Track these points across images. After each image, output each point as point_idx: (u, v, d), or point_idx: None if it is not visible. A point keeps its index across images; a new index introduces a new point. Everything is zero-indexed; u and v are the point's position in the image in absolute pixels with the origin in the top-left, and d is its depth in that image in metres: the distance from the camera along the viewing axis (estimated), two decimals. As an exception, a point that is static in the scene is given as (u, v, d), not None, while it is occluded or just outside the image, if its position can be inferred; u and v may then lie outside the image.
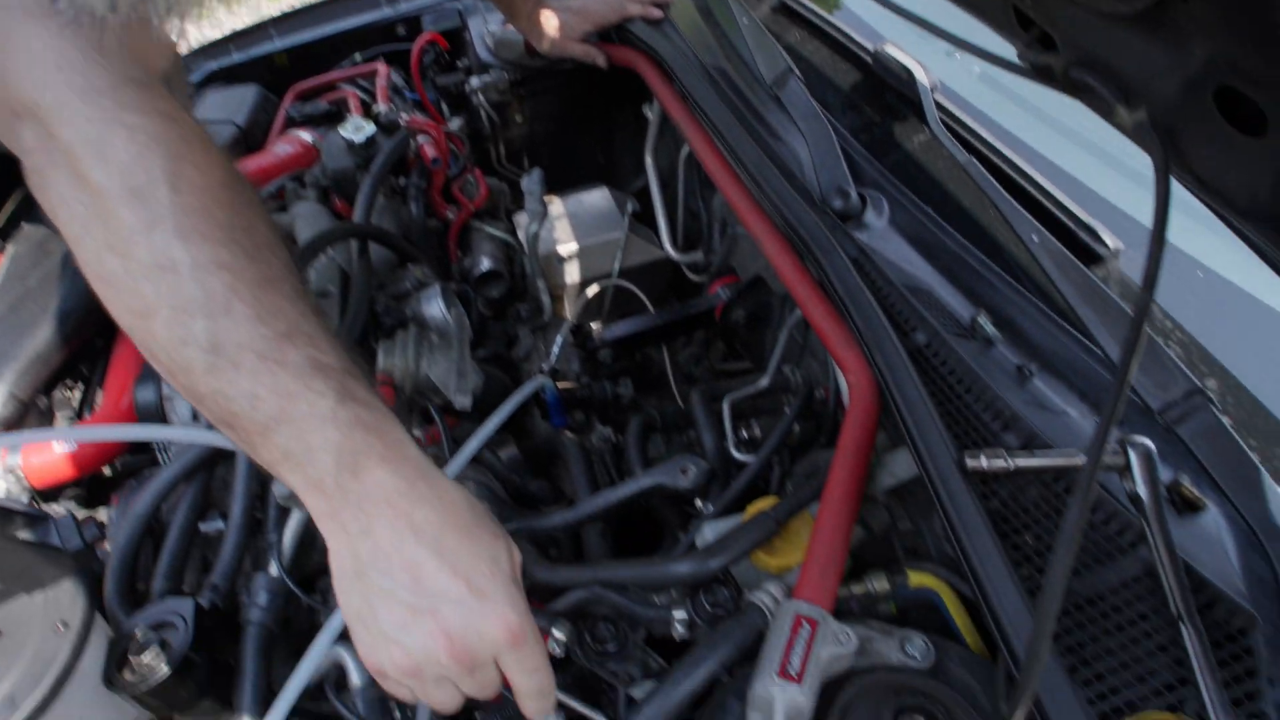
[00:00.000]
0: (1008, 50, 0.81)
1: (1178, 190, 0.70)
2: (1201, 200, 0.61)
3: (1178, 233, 0.90)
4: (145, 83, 0.65)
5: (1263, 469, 0.76)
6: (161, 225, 0.60)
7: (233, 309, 0.60)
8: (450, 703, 0.65)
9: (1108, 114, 0.65)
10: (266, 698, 0.84)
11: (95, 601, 0.78)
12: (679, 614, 0.80)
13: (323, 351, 0.63)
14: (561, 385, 1.30)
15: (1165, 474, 0.78)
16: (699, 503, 1.03)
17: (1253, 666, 0.69)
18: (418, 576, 0.60)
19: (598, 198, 1.68)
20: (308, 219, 1.32)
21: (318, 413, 0.60)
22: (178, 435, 1.02)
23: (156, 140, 0.62)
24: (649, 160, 1.67)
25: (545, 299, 1.53)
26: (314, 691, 0.93)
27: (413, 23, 2.08)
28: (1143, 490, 0.71)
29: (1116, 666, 0.70)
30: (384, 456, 0.61)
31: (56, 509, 1.16)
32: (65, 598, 0.73)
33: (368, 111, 1.69)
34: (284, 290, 0.64)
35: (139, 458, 1.30)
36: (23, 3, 0.61)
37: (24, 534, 0.71)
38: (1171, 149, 0.60)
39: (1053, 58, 0.69)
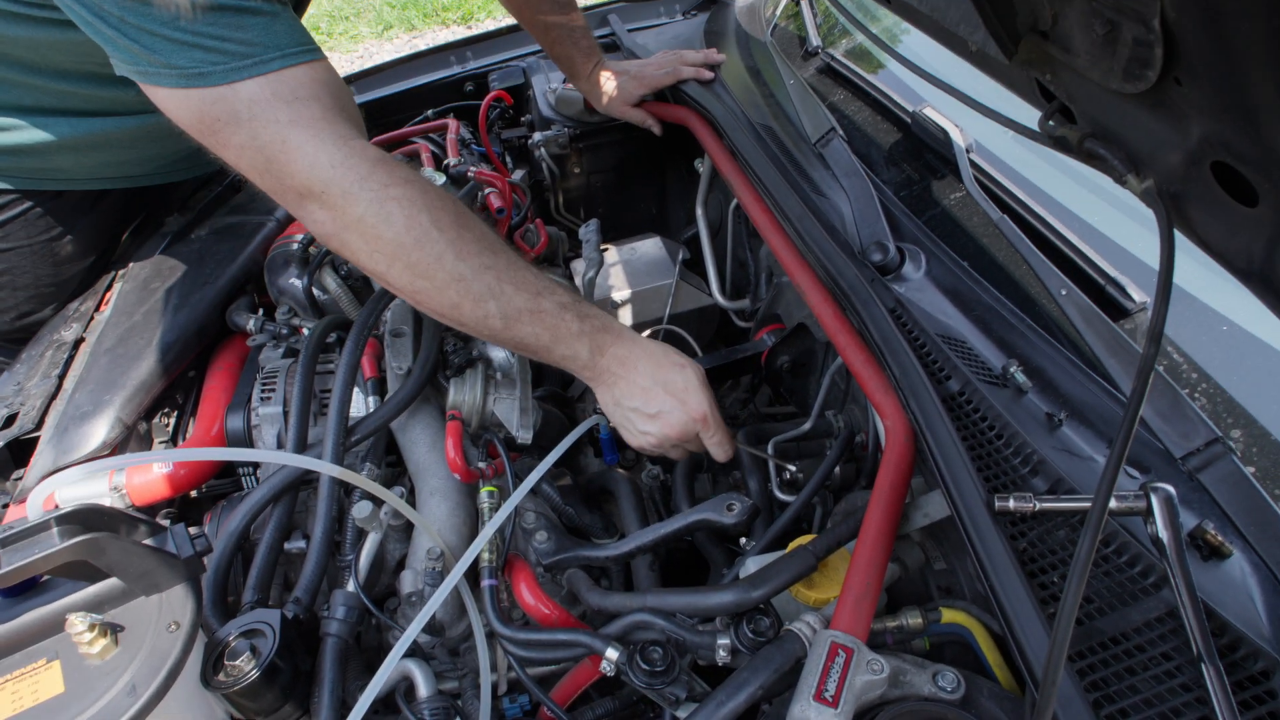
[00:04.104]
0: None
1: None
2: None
3: (1203, 288, 0.95)
4: (382, 159, 0.97)
5: (1285, 517, 0.78)
6: (445, 255, 0.96)
7: (504, 290, 0.99)
8: (683, 454, 1.15)
9: (1120, 180, 0.71)
10: (342, 705, 0.92)
11: (201, 606, 0.87)
12: (723, 640, 0.85)
13: (559, 294, 1.04)
14: (614, 424, 1.37)
15: (1190, 520, 0.81)
16: (743, 541, 1.09)
17: (1276, 710, 0.72)
18: (648, 398, 1.06)
19: (650, 246, 1.77)
20: (384, 265, 1.43)
21: (572, 331, 1.03)
22: (265, 456, 1.13)
23: (413, 202, 0.95)
24: (699, 212, 1.76)
25: (599, 341, 1.61)
26: (384, 703, 1.01)
27: (480, 80, 2.23)
28: (1163, 533, 0.74)
29: (1140, 704, 0.73)
30: (615, 340, 1.07)
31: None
32: (178, 601, 0.82)
33: (439, 163, 1.82)
34: (520, 266, 1.02)
35: (224, 482, 1.41)
36: (290, 116, 0.91)
37: (146, 540, 0.80)
38: (1177, 214, 0.66)
39: (1070, 130, 0.75)
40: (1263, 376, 0.88)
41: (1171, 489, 0.76)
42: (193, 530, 0.86)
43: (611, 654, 0.86)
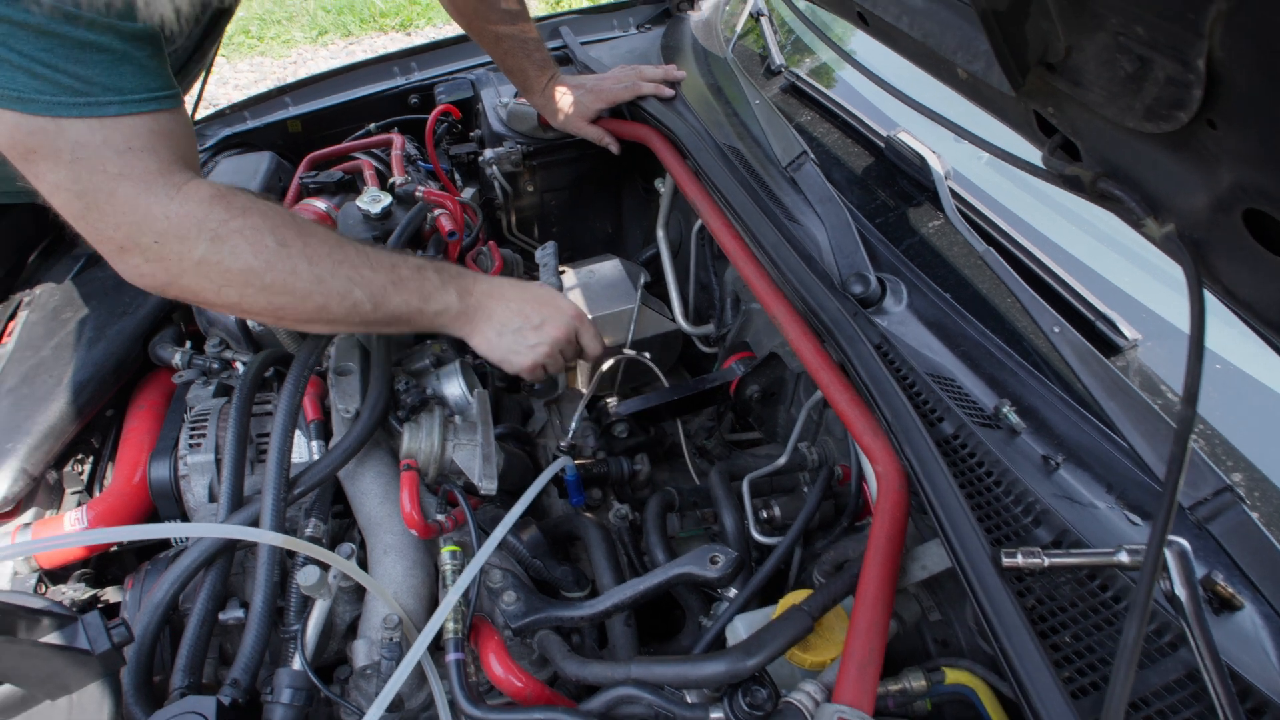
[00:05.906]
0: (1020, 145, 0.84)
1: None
2: (1231, 309, 0.62)
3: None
4: (215, 195, 0.92)
5: (1295, 567, 0.76)
6: (298, 267, 0.95)
7: (363, 275, 1.00)
8: (562, 364, 1.20)
9: (1136, 225, 0.67)
10: (287, 800, 0.82)
11: (120, 702, 0.76)
12: (716, 715, 0.79)
13: (411, 260, 1.08)
14: (578, 462, 1.29)
15: (1199, 571, 0.78)
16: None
17: (1303, 777, 0.69)
18: (526, 315, 1.13)
19: (610, 269, 1.70)
20: (326, 294, 1.32)
21: (435, 285, 1.07)
22: (190, 530, 1.01)
23: (255, 228, 0.93)
24: (661, 234, 1.70)
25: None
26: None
27: (426, 92, 2.12)
28: (1181, 591, 0.71)
29: (1166, 774, 0.69)
30: (474, 281, 1.12)
31: (64, 590, 1.13)
32: (91, 702, 0.71)
33: (383, 181, 1.71)
34: (369, 249, 1.04)
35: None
36: (120, 168, 0.85)
37: (52, 636, 0.69)
38: (1200, 261, 0.62)
39: (1079, 168, 0.71)
40: (1259, 418, 0.86)
41: (1186, 543, 0.72)
42: (116, 611, 0.75)
43: (594, 734, 0.79)
